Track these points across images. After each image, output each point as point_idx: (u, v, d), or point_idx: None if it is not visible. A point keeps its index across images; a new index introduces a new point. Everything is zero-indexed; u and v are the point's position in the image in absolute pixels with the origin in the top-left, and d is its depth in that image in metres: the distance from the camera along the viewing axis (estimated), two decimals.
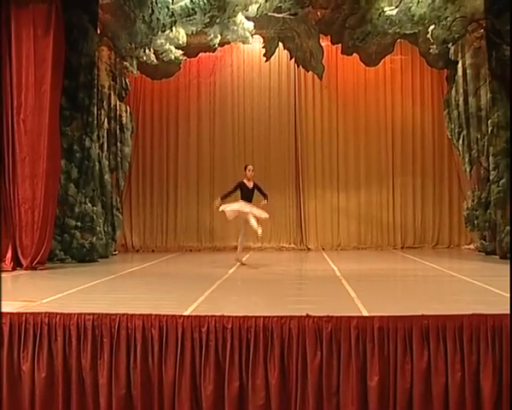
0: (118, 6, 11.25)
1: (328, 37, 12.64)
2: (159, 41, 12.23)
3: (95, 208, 11.16)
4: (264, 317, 5.07)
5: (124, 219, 13.35)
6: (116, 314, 5.21)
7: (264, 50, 13.38)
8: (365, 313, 5.38)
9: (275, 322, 5.04)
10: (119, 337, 5.16)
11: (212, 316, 5.12)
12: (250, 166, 10.46)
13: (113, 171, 12.66)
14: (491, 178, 11.15)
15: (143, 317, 5.17)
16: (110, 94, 12.39)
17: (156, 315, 5.18)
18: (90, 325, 5.20)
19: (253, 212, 10.01)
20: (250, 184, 10.26)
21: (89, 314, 5.23)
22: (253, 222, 9.92)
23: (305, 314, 5.09)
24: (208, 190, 14.14)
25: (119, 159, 12.82)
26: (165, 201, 14.25)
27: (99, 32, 11.35)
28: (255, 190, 10.28)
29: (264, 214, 10.12)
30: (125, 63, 12.70)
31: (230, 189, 10.34)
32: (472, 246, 12.94)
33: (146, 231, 14.15)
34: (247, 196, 10.17)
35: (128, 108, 13.14)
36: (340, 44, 12.61)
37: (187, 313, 5.45)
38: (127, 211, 13.85)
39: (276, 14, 11.99)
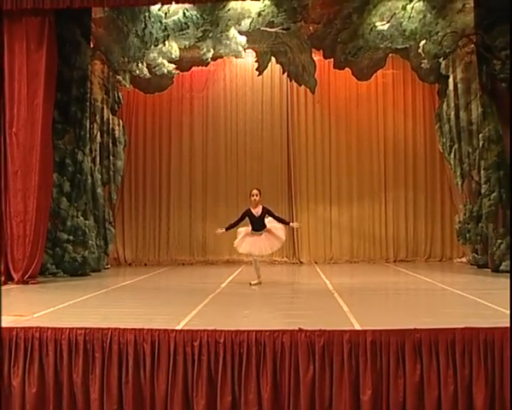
0: (111, 20, 11.30)
1: (321, 51, 12.71)
2: (151, 55, 12.27)
3: (87, 222, 11.14)
4: (257, 331, 5.06)
5: (116, 233, 13.32)
6: (108, 329, 5.20)
7: (256, 65, 13.45)
8: (358, 327, 5.38)
9: (267, 336, 5.04)
10: (111, 352, 5.13)
11: (205, 330, 5.11)
12: (254, 191, 9.53)
13: (105, 184, 12.64)
14: (482, 191, 11.21)
15: (135, 331, 5.15)
16: (103, 107, 12.40)
17: (148, 329, 5.16)
18: (82, 339, 5.17)
19: (264, 248, 9.37)
20: (257, 211, 9.39)
21: (80, 329, 5.21)
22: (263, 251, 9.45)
23: (297, 328, 5.08)
24: (201, 203, 14.16)
25: (111, 172, 12.80)
26: (158, 214, 14.23)
27: (92, 45, 11.38)
28: (265, 217, 9.41)
29: (277, 244, 9.57)
30: (117, 77, 12.73)
31: (237, 218, 9.61)
32: (464, 259, 12.98)
33: (138, 244, 14.12)
34: (257, 224, 9.35)
35: (121, 121, 13.16)
36: (332, 59, 12.68)
37: (179, 327, 5.44)
38: (120, 224, 13.82)
39: (268, 29, 12.06)
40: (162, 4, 10.77)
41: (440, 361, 5.03)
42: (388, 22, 11.59)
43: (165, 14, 11.45)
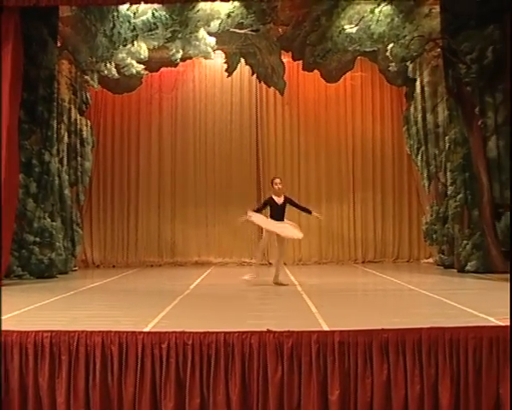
0: (78, 19, 11.19)
1: (290, 53, 12.77)
2: (120, 55, 12.18)
3: (54, 223, 11.00)
4: (225, 332, 5.05)
5: (84, 235, 13.16)
6: (75, 331, 5.13)
7: (225, 66, 13.44)
8: (326, 328, 5.42)
9: (236, 337, 5.03)
10: (78, 355, 5.07)
11: (173, 332, 5.08)
12: (277, 180, 9.31)
13: (73, 185, 12.48)
14: (448, 193, 11.38)
15: (103, 334, 5.10)
16: (70, 108, 12.25)
17: (116, 332, 5.12)
18: (48, 342, 5.10)
19: (283, 232, 9.11)
20: (280, 200, 9.16)
21: (46, 332, 5.14)
22: (287, 232, 9.11)
23: (265, 329, 5.09)
24: (170, 204, 14.09)
25: (79, 173, 12.64)
26: (126, 215, 14.13)
27: (59, 45, 11.24)
28: (286, 206, 9.21)
29: (297, 235, 9.32)
30: (85, 77, 12.59)
31: (259, 205, 9.46)
32: (431, 260, 13.15)
33: (107, 246, 13.99)
34: (278, 213, 9.10)
35: (89, 122, 13.01)
36: (301, 61, 12.74)
37: (147, 329, 5.41)
38: (87, 226, 13.67)
39: (237, 30, 12.07)
40: (131, 4, 10.72)
41: (407, 361, 5.08)
42: (357, 25, 11.69)
43: (134, 14, 11.39)
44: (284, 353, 5.01)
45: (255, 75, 13.34)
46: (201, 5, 11.23)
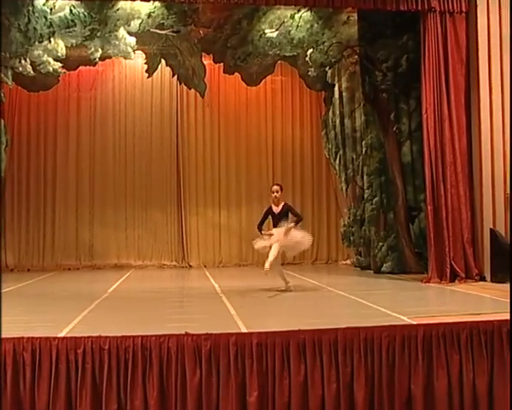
0: None
1: (211, 55, 12.76)
2: (36, 52, 11.78)
3: None
4: (143, 336, 5.00)
5: None
6: None
7: (146, 66, 13.28)
8: (244, 330, 5.44)
9: (153, 341, 4.98)
10: None
11: (89, 337, 4.98)
12: (274, 187, 8.95)
13: None
14: (365, 196, 11.69)
15: (14, 340, 4.93)
16: None
17: (29, 338, 4.95)
18: None
19: (284, 242, 8.55)
20: (277, 209, 8.81)
21: None
22: (271, 253, 8.48)
23: (184, 332, 5.07)
24: (88, 206, 13.77)
25: None
26: (43, 217, 13.70)
27: None
28: (284, 214, 8.75)
29: (304, 244, 8.85)
30: None
31: (261, 219, 8.98)
32: (348, 261, 13.47)
33: (21, 249, 13.51)
34: (275, 221, 8.78)
35: (2, 120, 12.50)
36: (222, 63, 12.77)
37: (62, 334, 5.26)
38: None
39: (158, 31, 11.94)
40: None
41: (324, 361, 5.19)
42: (277, 30, 11.83)
43: (51, 9, 11.04)
44: (202, 355, 5.00)
45: (176, 77, 13.25)
46: (121, 4, 11.04)
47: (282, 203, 8.84)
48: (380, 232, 11.33)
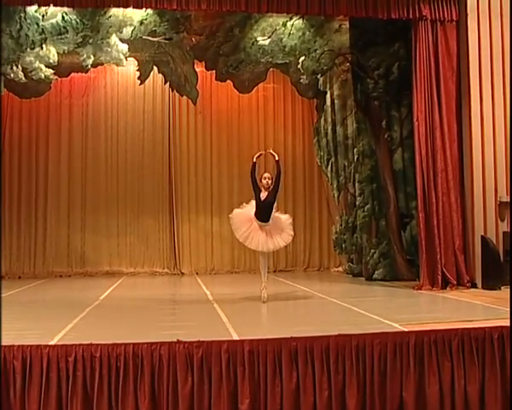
0: None
1: (203, 63, 12.77)
2: (28, 58, 11.75)
3: None
4: (134, 344, 4.98)
5: None
6: None
7: (138, 73, 13.27)
8: (236, 337, 5.44)
9: (145, 348, 4.97)
10: None
11: (80, 345, 4.96)
12: (266, 174, 8.33)
13: None
14: (357, 203, 11.72)
15: (4, 348, 4.90)
16: None
17: (19, 346, 4.93)
18: None
19: (264, 247, 8.16)
20: (264, 196, 8.15)
21: None
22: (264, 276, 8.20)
23: (175, 340, 5.06)
24: (79, 213, 13.72)
25: None
26: (34, 224, 13.63)
27: None
28: (273, 203, 8.16)
29: (281, 242, 8.25)
30: None
31: (253, 177, 8.29)
32: (340, 268, 13.48)
33: (12, 256, 13.43)
34: (263, 212, 8.09)
35: None
36: (214, 71, 12.79)
37: (53, 342, 5.24)
38: None
39: (150, 38, 11.94)
40: (39, 6, 10.38)
41: (315, 368, 5.19)
42: (269, 37, 11.86)
43: (43, 16, 11.02)
44: (194, 363, 5.00)
45: (168, 84, 13.25)
46: (113, 11, 11.02)
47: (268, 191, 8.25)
48: (372, 239, 11.35)
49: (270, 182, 8.25)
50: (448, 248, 9.74)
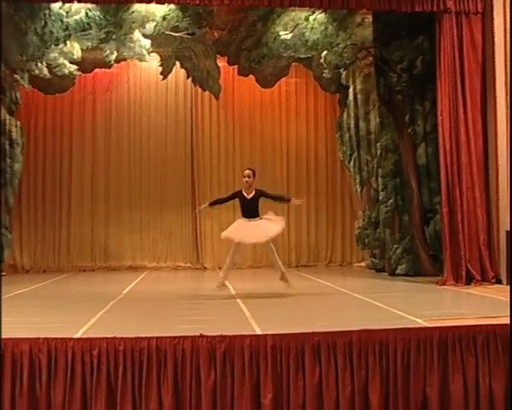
0: (8, 16, 10.84)
1: (225, 57, 12.78)
2: (52, 55, 11.88)
3: None
4: (157, 338, 5.01)
5: (13, 239, 12.76)
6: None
7: (160, 69, 13.32)
8: (258, 332, 5.44)
9: (168, 343, 5.00)
10: (4, 363, 4.92)
11: (104, 338, 5.01)
12: (246, 172, 8.45)
13: (1, 188, 12.09)
14: (380, 198, 11.65)
15: (30, 341, 4.97)
16: None
17: (45, 339, 4.99)
18: None
19: (258, 237, 8.27)
20: (249, 194, 8.37)
21: None
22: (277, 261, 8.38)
23: (198, 334, 5.08)
24: (103, 208, 13.83)
25: (8, 175, 12.26)
26: (58, 219, 13.77)
27: None
28: (259, 200, 8.36)
29: (274, 231, 8.30)
30: (15, 76, 12.21)
31: (224, 196, 8.70)
32: (363, 264, 13.41)
33: (37, 250, 13.59)
34: (247, 209, 8.32)
35: (18, 122, 12.61)
36: (236, 65, 12.78)
37: (77, 335, 5.30)
38: (17, 230, 13.24)
39: (173, 33, 11.99)
40: (63, 2, 10.48)
41: (338, 363, 5.18)
42: (292, 32, 11.83)
43: (67, 13, 11.14)
44: (217, 357, 5.01)
45: (190, 79, 13.28)
46: (136, 7, 11.09)
47: (254, 190, 8.44)
48: (395, 234, 11.28)
49: (250, 180, 8.42)
50: (472, 244, 9.65)
